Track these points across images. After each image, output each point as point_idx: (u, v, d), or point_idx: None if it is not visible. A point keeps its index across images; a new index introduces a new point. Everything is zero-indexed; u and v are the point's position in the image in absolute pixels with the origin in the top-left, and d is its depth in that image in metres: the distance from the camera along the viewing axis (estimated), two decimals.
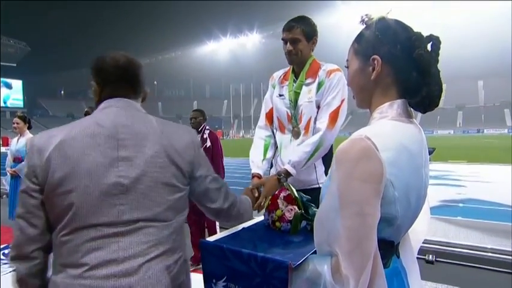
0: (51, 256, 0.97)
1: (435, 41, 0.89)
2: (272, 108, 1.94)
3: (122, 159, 0.92)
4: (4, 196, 7.48)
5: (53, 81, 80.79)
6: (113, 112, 0.97)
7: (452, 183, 8.59)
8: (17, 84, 65.79)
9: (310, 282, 0.87)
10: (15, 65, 69.39)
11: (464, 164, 12.18)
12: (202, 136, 3.50)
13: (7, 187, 4.61)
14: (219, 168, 3.46)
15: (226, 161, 3.83)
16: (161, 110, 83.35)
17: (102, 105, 1.01)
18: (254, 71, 72.20)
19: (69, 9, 76.98)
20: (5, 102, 62.92)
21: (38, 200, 0.91)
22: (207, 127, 3.60)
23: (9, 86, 63.54)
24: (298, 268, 0.90)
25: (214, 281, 0.99)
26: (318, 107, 1.77)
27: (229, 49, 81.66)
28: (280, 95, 1.87)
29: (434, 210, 5.64)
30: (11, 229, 4.75)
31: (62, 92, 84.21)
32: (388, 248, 0.88)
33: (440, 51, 0.92)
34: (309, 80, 1.79)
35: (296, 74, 1.86)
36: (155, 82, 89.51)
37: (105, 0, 74.66)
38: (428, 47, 0.89)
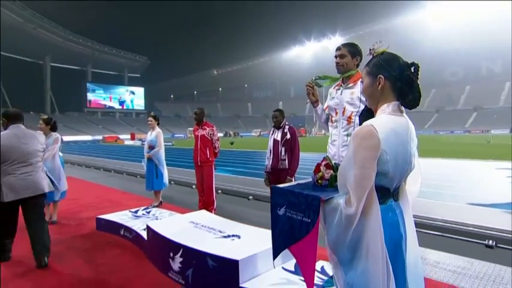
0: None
1: (416, 66, 1.28)
2: (326, 107, 2.48)
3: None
4: (138, 176, 9.40)
5: (165, 88, 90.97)
6: None
7: None
8: (140, 90, 76.90)
9: (333, 209, 1.36)
10: (139, 75, 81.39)
11: None
12: (283, 130, 3.99)
13: (145, 167, 5.58)
14: (296, 154, 3.94)
15: (307, 155, 4.31)
16: (251, 110, 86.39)
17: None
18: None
19: (180, 29, 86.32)
20: (131, 103, 75.45)
21: None
22: (286, 123, 4.08)
23: (133, 93, 75.42)
24: (327, 202, 1.39)
25: (278, 208, 1.59)
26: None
27: (312, 52, 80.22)
28: (333, 98, 2.39)
29: (507, 205, 5.22)
30: (148, 198, 6.10)
31: (172, 96, 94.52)
32: (385, 192, 1.26)
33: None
34: (350, 85, 2.25)
35: (344, 82, 2.36)
36: (246, 85, 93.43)
37: (204, 24, 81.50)
38: (412, 69, 1.29)
